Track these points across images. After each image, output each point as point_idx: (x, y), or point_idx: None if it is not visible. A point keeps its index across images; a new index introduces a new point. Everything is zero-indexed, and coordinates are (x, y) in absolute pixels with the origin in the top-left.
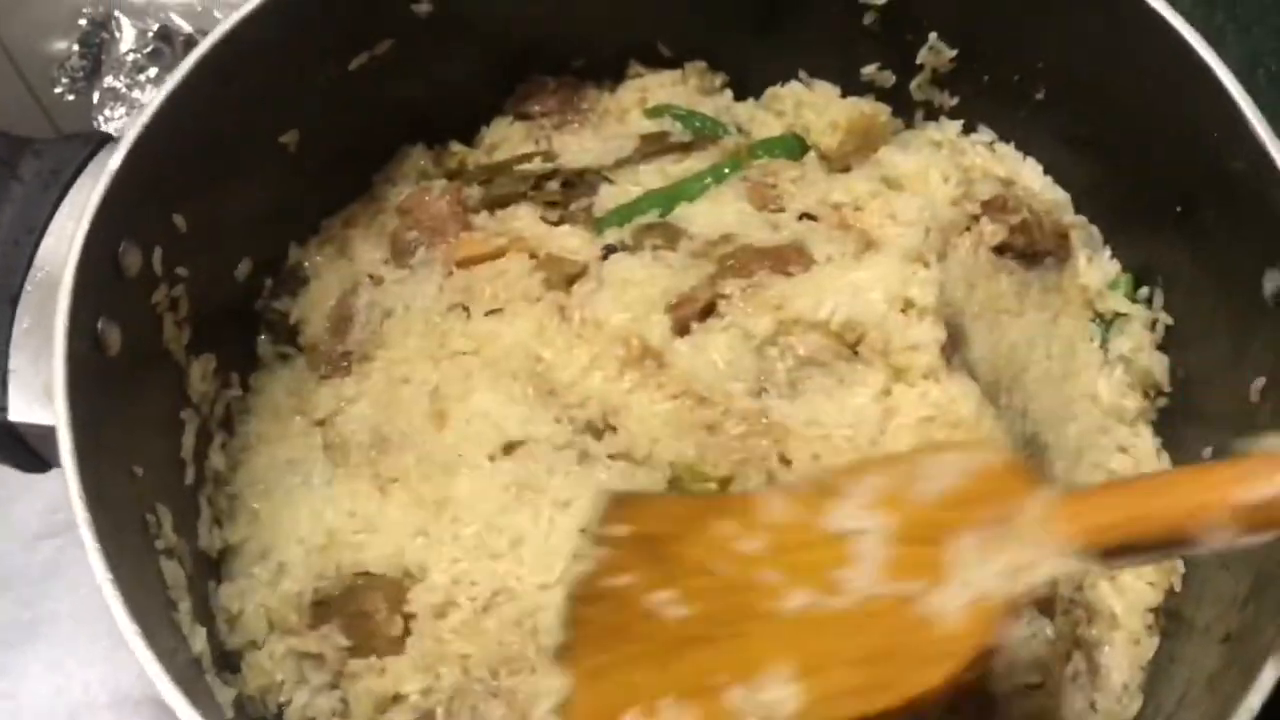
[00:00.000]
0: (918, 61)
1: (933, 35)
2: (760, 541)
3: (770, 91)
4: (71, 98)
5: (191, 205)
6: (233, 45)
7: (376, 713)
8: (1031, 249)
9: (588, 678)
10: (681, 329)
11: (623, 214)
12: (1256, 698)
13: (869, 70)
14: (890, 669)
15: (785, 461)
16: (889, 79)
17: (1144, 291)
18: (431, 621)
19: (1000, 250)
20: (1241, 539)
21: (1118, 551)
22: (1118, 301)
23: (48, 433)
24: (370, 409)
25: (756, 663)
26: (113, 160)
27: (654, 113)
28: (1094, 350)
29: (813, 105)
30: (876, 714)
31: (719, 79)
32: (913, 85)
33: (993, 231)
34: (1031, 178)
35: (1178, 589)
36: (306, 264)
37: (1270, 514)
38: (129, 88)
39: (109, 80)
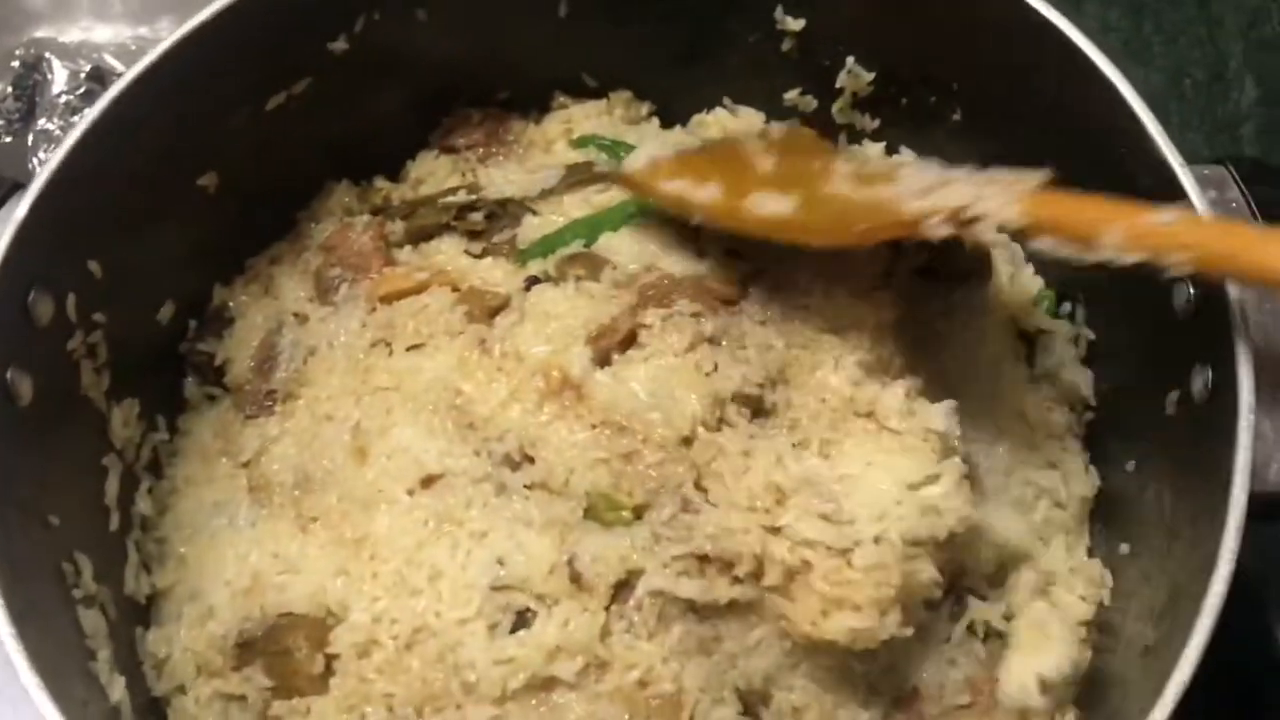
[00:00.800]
0: (837, 85)
1: (850, 59)
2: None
3: (696, 119)
4: (8, 139)
5: (107, 250)
6: (144, 87)
7: None
8: (955, 269)
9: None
10: (603, 360)
11: (546, 244)
12: (1160, 713)
13: (791, 95)
14: (853, 215)
15: (701, 489)
16: (811, 103)
17: (1066, 307)
18: (355, 661)
19: (924, 273)
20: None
21: (1043, 230)
22: (1041, 319)
23: None
24: (294, 448)
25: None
26: (19, 209)
27: (579, 143)
28: (1020, 369)
29: (731, 131)
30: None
31: (645, 107)
32: (834, 109)
33: (916, 251)
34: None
35: (1108, 603)
36: (231, 304)
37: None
38: (63, 129)
39: (42, 123)
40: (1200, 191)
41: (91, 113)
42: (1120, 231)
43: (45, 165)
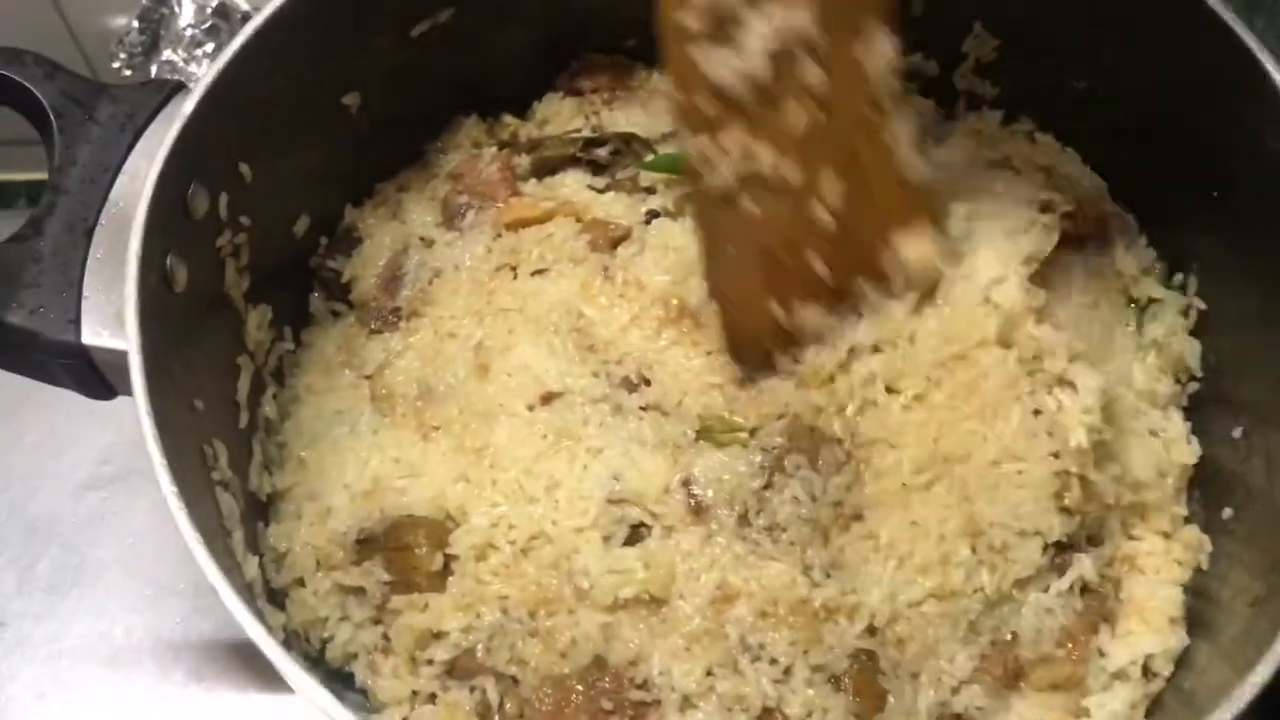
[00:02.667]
0: (962, 50)
1: (978, 25)
2: None
3: None
4: (129, 73)
5: (257, 156)
6: (298, 7)
7: (417, 648)
8: (1076, 234)
9: None
10: None
11: (667, 161)
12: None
13: (914, 59)
14: None
15: (816, 411)
16: (933, 68)
17: (1178, 278)
18: (472, 563)
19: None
20: None
21: None
22: (1152, 288)
23: (117, 358)
24: (417, 362)
25: None
26: (186, 105)
27: None
28: (1129, 335)
29: None
30: None
31: None
32: (956, 75)
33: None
34: (1070, 166)
35: (1205, 568)
36: (360, 225)
37: None
38: (186, 62)
39: (167, 54)
40: None
41: (254, 23)
42: None
43: (210, 68)
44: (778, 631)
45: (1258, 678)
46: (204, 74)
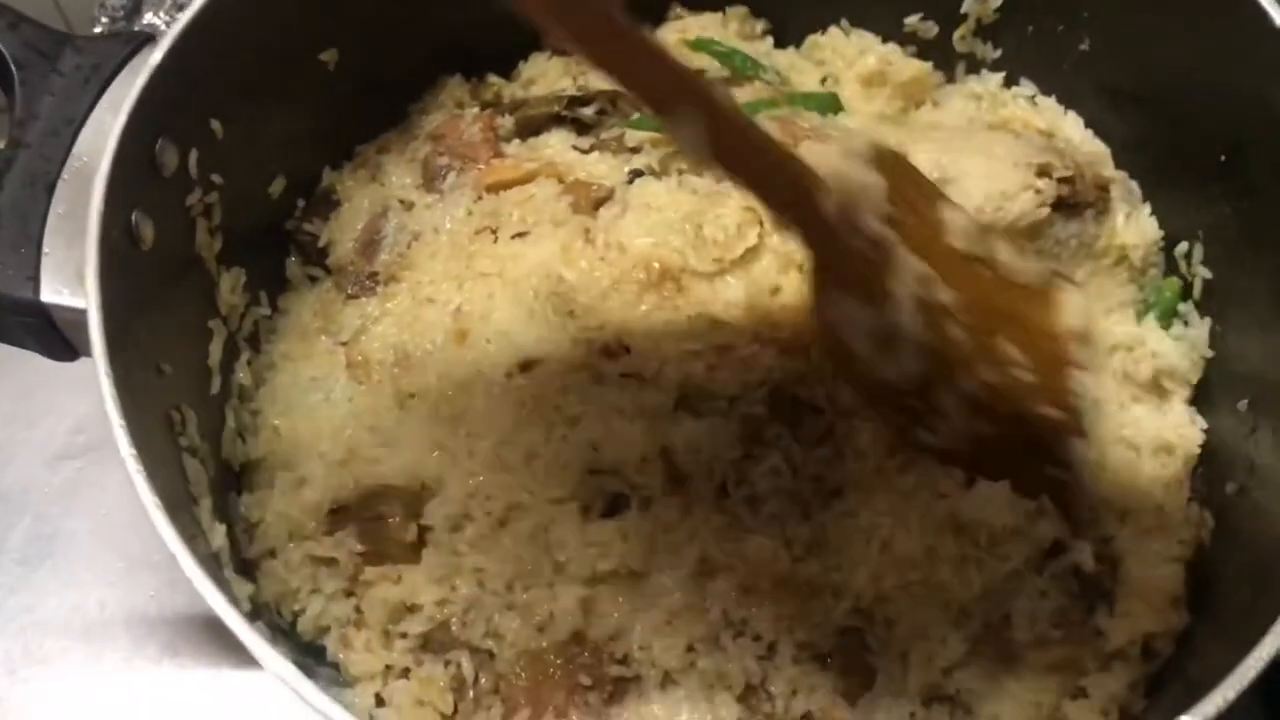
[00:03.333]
0: (962, 11)
1: None
2: None
3: (810, 40)
4: None
5: (230, 113)
6: None
7: (390, 622)
8: (1074, 200)
9: None
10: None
11: (653, 120)
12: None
13: (912, 20)
14: None
15: (798, 379)
16: (931, 29)
17: (1182, 247)
18: (447, 534)
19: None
20: None
21: None
22: (1155, 259)
23: (77, 316)
24: (394, 328)
25: None
26: (153, 56)
27: (696, 45)
28: (1129, 312)
29: (846, 56)
30: None
31: (760, 25)
32: (955, 36)
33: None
34: (1072, 130)
35: (1206, 543)
36: (339, 187)
37: None
38: (168, 24)
39: (149, 17)
40: None
41: None
42: None
43: (179, 19)
44: (761, 607)
45: (1260, 657)
46: (172, 25)
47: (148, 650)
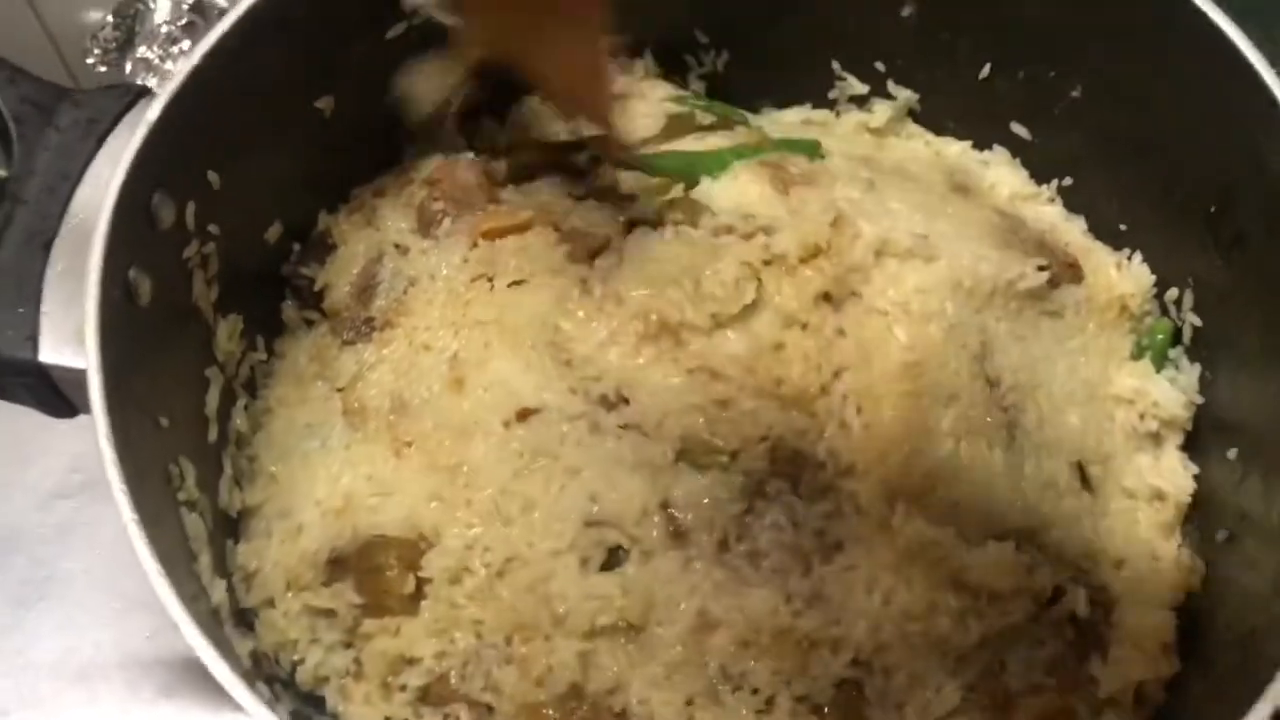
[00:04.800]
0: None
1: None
2: None
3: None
4: (104, 69)
5: (226, 163)
6: (272, 7)
7: (390, 674)
8: (1054, 281)
9: None
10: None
11: (644, 161)
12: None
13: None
14: None
15: (799, 434)
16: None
17: (1172, 293)
18: (446, 586)
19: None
20: None
21: None
22: (1147, 305)
23: (77, 376)
24: (390, 374)
25: None
26: (150, 111)
27: (677, 100)
28: (1124, 368)
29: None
30: None
31: None
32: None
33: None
34: (1047, 213)
35: (1198, 590)
36: (334, 231)
37: None
38: (162, 59)
39: (142, 51)
40: None
41: (221, 26)
42: None
43: (176, 73)
44: (760, 661)
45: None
46: (170, 79)
47: (143, 693)
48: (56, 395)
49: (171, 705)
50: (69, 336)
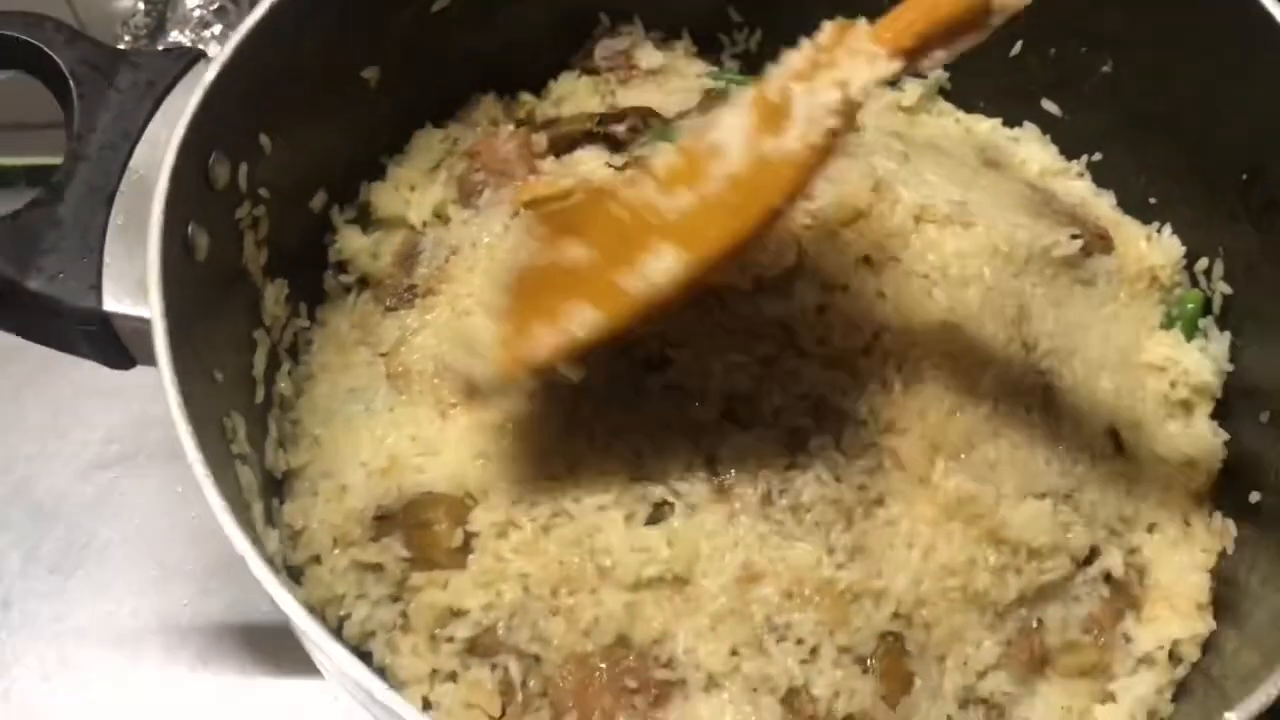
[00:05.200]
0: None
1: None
2: (654, 185)
3: None
4: None
5: (277, 127)
6: None
7: (437, 626)
8: (1087, 251)
9: (514, 313)
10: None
11: (667, 133)
12: None
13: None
14: (744, 195)
15: (841, 393)
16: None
17: (1203, 263)
18: (493, 540)
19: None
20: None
21: (920, 48)
22: (1177, 277)
23: (138, 325)
24: (434, 339)
25: (648, 256)
26: (208, 74)
27: (714, 76)
28: (1156, 335)
29: None
30: (733, 241)
31: None
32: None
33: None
34: (1076, 187)
35: (1231, 552)
36: (377, 201)
37: None
38: (194, 43)
39: (174, 36)
40: None
41: None
42: None
43: (231, 39)
44: (803, 612)
45: None
46: (225, 44)
47: (181, 658)
48: (118, 345)
49: (208, 671)
50: (131, 287)
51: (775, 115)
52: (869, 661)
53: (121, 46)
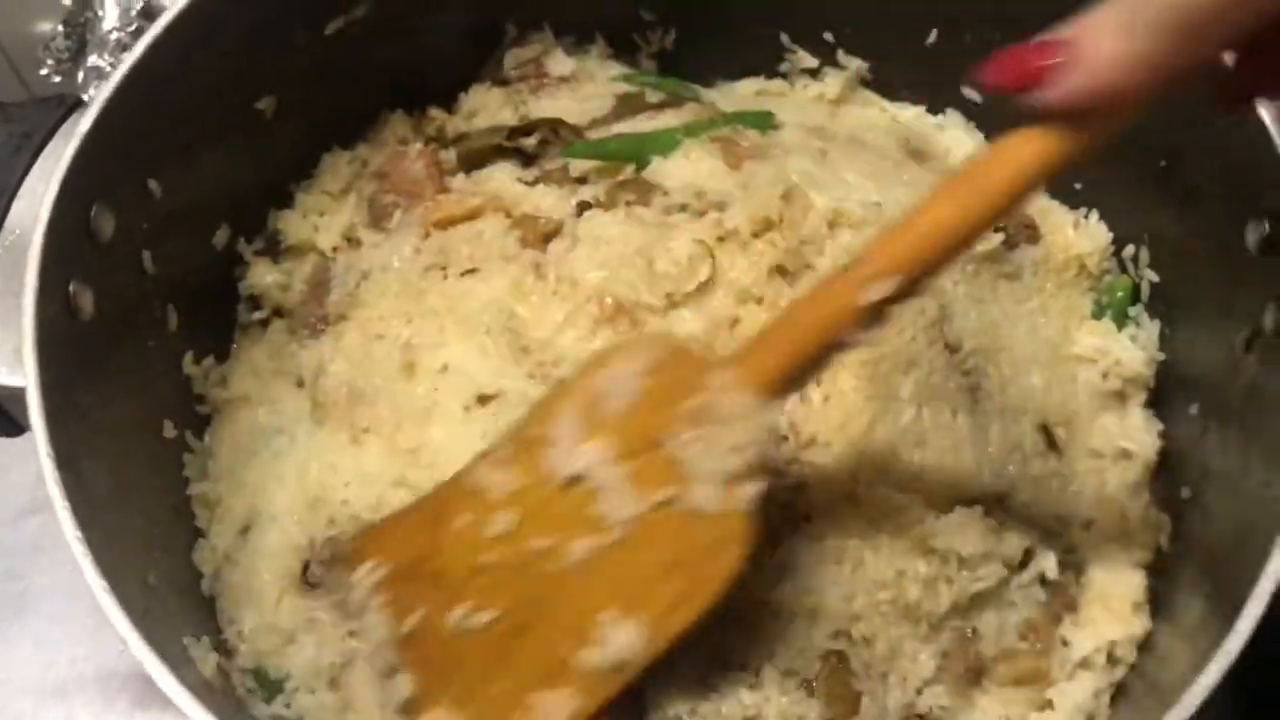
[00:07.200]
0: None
1: None
2: (506, 517)
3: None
4: (58, 79)
5: (166, 170)
6: (203, 8)
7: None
8: (1010, 242)
9: (452, 710)
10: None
11: (591, 148)
12: (1236, 641)
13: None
14: (692, 571)
15: None
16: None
17: (1130, 250)
18: None
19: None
20: (870, 331)
21: (793, 381)
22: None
23: (17, 394)
24: (346, 366)
25: (583, 620)
26: (82, 123)
27: (628, 79)
28: (1085, 326)
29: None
30: (699, 616)
31: None
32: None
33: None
34: None
35: (1166, 547)
36: (285, 230)
37: (885, 307)
38: (113, 66)
39: (93, 59)
40: None
41: (150, 33)
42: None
43: (106, 83)
44: (739, 636)
45: (1220, 663)
46: (101, 88)
47: (119, 705)
48: (3, 415)
49: (146, 715)
50: (8, 356)
51: (654, 465)
52: (813, 684)
53: (44, 72)
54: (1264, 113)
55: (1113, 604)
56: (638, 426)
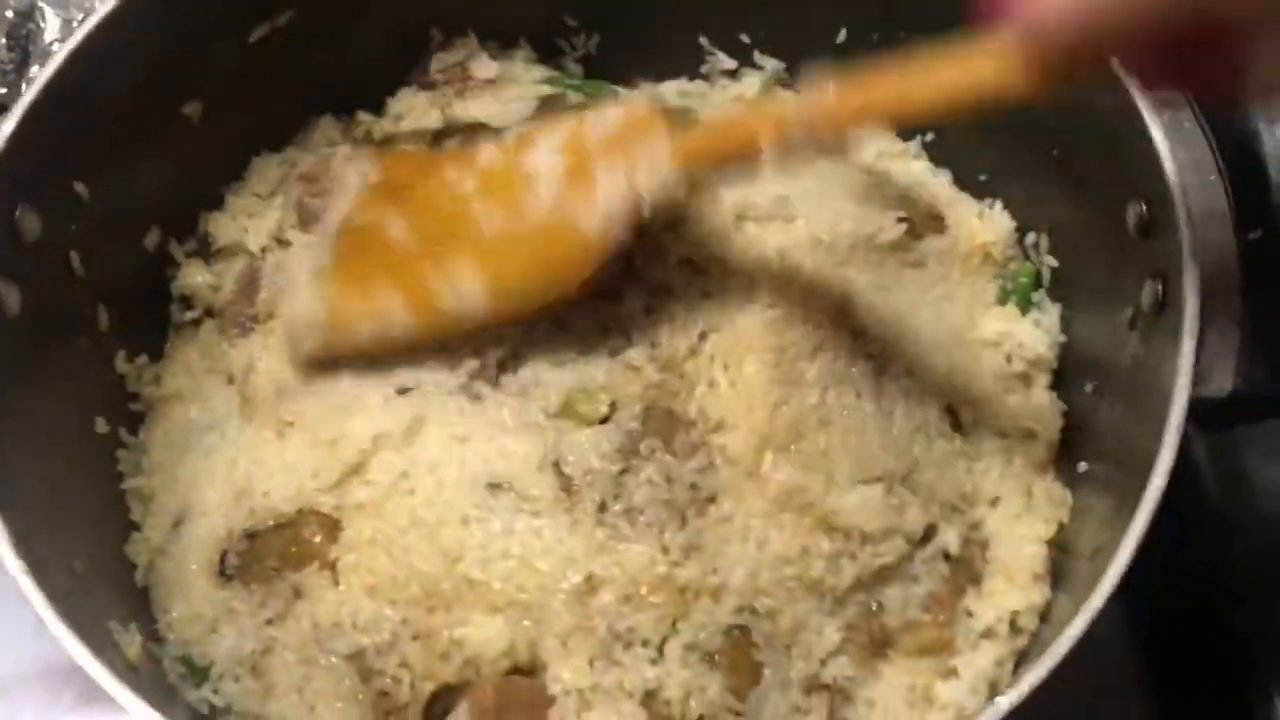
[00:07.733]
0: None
1: None
2: (474, 182)
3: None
4: (3, 90)
5: (94, 174)
6: (128, 13)
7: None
8: (916, 233)
9: (338, 286)
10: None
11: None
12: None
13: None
14: (547, 270)
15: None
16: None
17: (1031, 237)
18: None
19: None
20: (789, 156)
21: (705, 162)
22: (1009, 251)
23: None
24: (275, 363)
25: (456, 268)
26: (5, 126)
27: (550, 82)
28: (991, 312)
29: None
30: (531, 299)
31: None
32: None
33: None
34: (915, 168)
35: (1066, 521)
36: (215, 231)
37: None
38: None
39: (35, 70)
40: None
41: (75, 37)
42: (771, 136)
43: (31, 86)
44: (643, 613)
45: (1085, 615)
46: (25, 92)
47: (64, 700)
48: None
49: (89, 710)
50: None
51: (583, 176)
52: (716, 657)
53: None
54: (1139, 99)
55: (1015, 575)
56: (589, 152)
